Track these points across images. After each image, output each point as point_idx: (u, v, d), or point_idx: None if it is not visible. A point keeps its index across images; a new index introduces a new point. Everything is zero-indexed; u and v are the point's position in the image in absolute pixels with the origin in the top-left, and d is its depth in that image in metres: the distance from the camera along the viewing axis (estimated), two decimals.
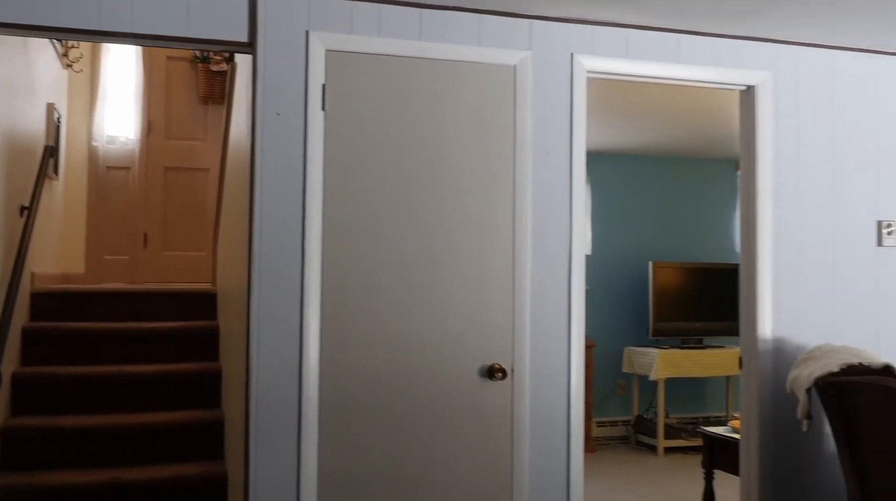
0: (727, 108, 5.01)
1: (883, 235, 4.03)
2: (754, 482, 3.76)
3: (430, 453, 3.29)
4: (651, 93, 4.93)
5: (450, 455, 3.31)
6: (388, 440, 3.24)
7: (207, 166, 6.45)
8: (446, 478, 3.30)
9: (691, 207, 7.46)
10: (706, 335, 7.03)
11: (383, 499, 3.23)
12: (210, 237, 5.72)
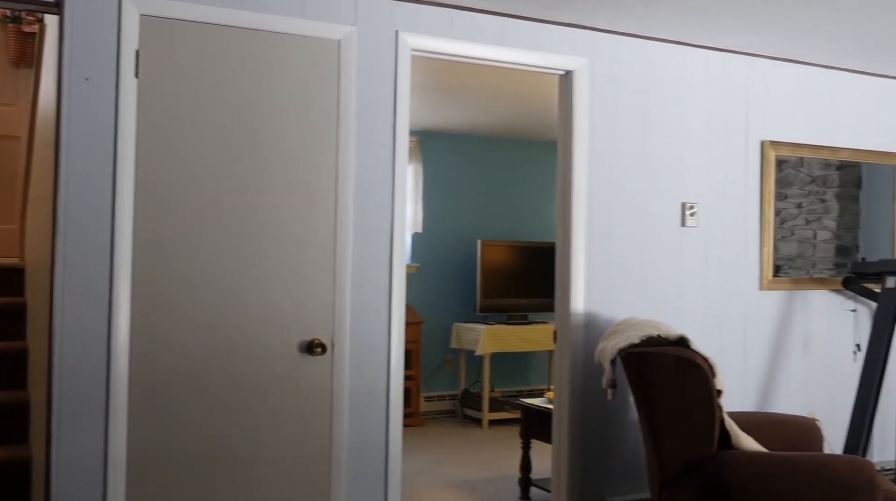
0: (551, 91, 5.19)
1: (686, 216, 4.30)
2: (564, 448, 3.95)
3: (248, 429, 3.25)
4: (481, 74, 5.03)
5: (268, 431, 3.28)
6: (205, 417, 3.18)
7: (18, 134, 6.03)
8: (265, 454, 3.27)
9: (519, 187, 7.70)
10: (531, 312, 7.29)
11: (199, 477, 3.17)
12: (20, 210, 5.37)
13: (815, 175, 4.85)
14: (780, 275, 4.61)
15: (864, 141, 4.90)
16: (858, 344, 4.73)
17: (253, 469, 3.26)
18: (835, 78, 4.81)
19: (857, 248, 5.03)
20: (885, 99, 4.99)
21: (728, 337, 4.42)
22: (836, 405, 4.61)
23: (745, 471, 2.95)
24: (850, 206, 5.00)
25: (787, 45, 4.37)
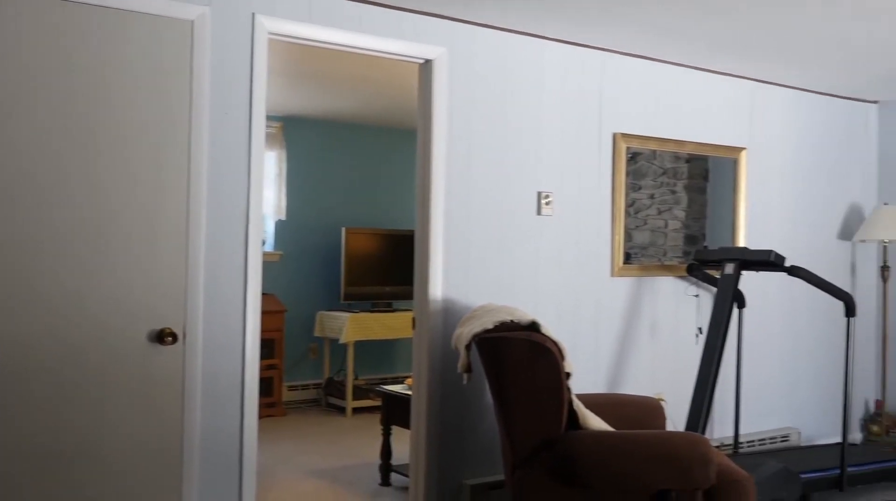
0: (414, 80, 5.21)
1: (542, 205, 4.42)
2: (422, 434, 4.00)
3: (93, 422, 3.13)
4: (345, 60, 5.00)
5: (115, 424, 3.17)
6: (49, 409, 3.04)
7: None
8: (112, 448, 3.16)
9: (384, 174, 7.70)
10: (395, 299, 7.32)
11: (41, 474, 3.02)
12: None
13: (666, 167, 5.07)
14: (630, 262, 4.81)
15: (709, 136, 5.17)
16: (700, 327, 5.00)
17: (99, 463, 3.14)
18: (683, 75, 5.05)
19: (704, 237, 5.30)
20: (728, 96, 5.28)
21: (581, 322, 4.58)
22: (681, 385, 4.86)
23: (591, 449, 3.07)
24: (697, 197, 5.26)
25: (639, 42, 4.55)
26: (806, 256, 5.57)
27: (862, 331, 5.99)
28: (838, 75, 5.30)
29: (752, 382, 5.31)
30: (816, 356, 5.70)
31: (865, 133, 6.07)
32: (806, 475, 4.35)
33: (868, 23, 4.14)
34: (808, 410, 5.66)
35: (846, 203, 5.94)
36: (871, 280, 6.04)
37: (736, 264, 4.48)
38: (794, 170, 5.62)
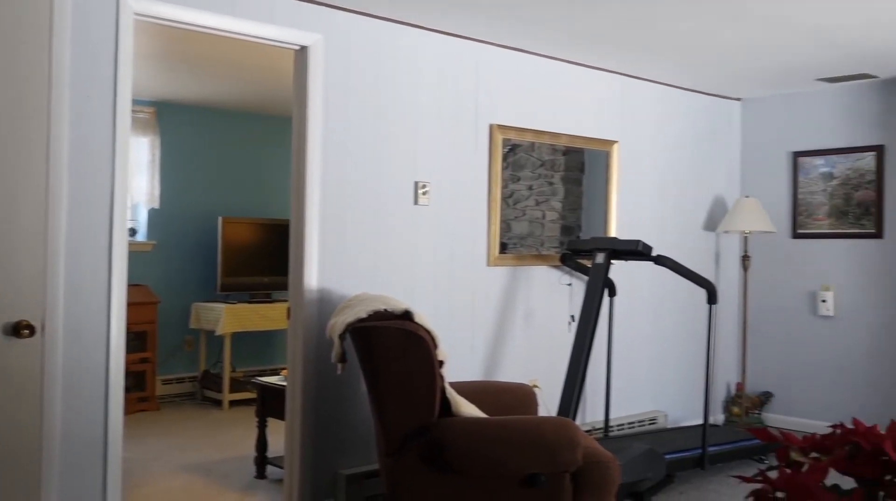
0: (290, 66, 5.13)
1: (419, 194, 4.44)
2: (297, 425, 3.96)
3: None
4: (221, 45, 4.87)
5: None
6: None
7: None
8: None
9: (262, 162, 7.56)
10: (274, 289, 7.21)
11: None
12: None
13: (544, 159, 5.17)
14: (506, 252, 4.89)
15: (583, 128, 5.31)
16: (573, 315, 5.14)
17: None
18: (558, 68, 5.16)
19: (580, 227, 5.44)
20: (601, 90, 5.43)
21: (457, 311, 4.63)
22: (555, 371, 4.99)
23: (462, 436, 3.11)
24: (574, 189, 5.39)
25: (514, 35, 4.62)
26: (674, 246, 5.80)
27: (725, 317, 6.29)
28: (704, 73, 5.54)
29: (622, 368, 5.50)
30: (682, 343, 5.95)
31: (729, 129, 6.37)
32: (670, 455, 4.54)
33: (731, 23, 4.33)
34: (674, 394, 5.91)
35: (711, 196, 6.22)
36: (734, 269, 6.34)
37: (606, 254, 4.62)
38: (662, 163, 5.84)
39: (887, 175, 5.70)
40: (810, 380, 6.02)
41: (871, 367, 5.74)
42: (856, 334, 5.82)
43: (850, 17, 4.19)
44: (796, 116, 6.14)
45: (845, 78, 5.62)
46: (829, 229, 5.96)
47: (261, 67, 5.63)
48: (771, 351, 6.22)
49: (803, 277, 6.06)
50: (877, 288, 5.72)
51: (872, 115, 5.76)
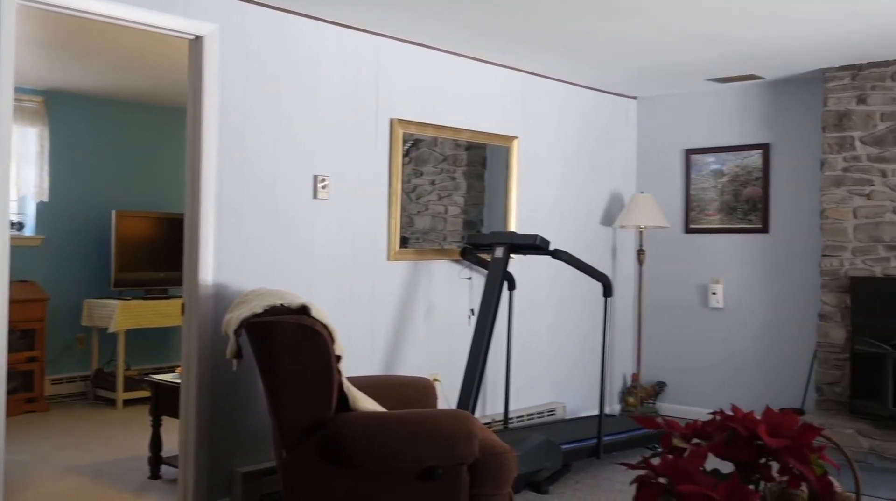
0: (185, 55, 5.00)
1: (318, 188, 4.40)
2: (192, 423, 3.87)
3: None
4: (113, 33, 4.70)
5: None
6: None
7: None
8: None
9: (157, 155, 7.35)
10: (171, 285, 7.03)
11: None
12: None
13: (447, 154, 5.20)
14: (407, 246, 4.90)
15: (484, 124, 5.35)
16: (473, 309, 5.18)
17: None
18: (459, 64, 5.19)
19: (482, 222, 5.49)
20: (502, 86, 5.49)
21: (357, 305, 4.61)
22: (456, 365, 5.02)
23: (359, 430, 3.10)
24: (476, 183, 5.44)
25: (415, 30, 4.62)
26: (572, 240, 5.92)
27: (622, 310, 6.45)
28: (603, 72, 5.66)
29: (522, 360, 5.58)
30: (581, 335, 6.08)
31: (626, 126, 6.53)
32: (567, 445, 4.63)
33: (626, 24, 4.44)
34: (573, 385, 6.03)
35: (608, 191, 6.37)
36: (630, 263, 6.51)
37: (505, 248, 4.68)
38: (562, 159, 5.95)
39: (773, 172, 5.94)
40: (701, 370, 6.24)
41: (757, 356, 5.99)
42: (743, 325, 6.06)
43: (734, 20, 4.35)
44: (689, 115, 6.34)
45: (734, 79, 5.84)
46: (719, 225, 6.18)
47: (155, 56, 5.47)
48: (665, 342, 6.42)
49: (695, 270, 6.28)
50: (763, 281, 5.97)
51: (760, 114, 6.00)
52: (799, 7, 4.12)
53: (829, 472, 2.01)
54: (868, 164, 5.31)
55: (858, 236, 5.34)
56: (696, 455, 1.86)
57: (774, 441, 1.80)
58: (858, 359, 5.22)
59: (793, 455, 1.80)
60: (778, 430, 1.84)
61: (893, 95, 5.22)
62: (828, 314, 5.45)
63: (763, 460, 1.90)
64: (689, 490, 1.74)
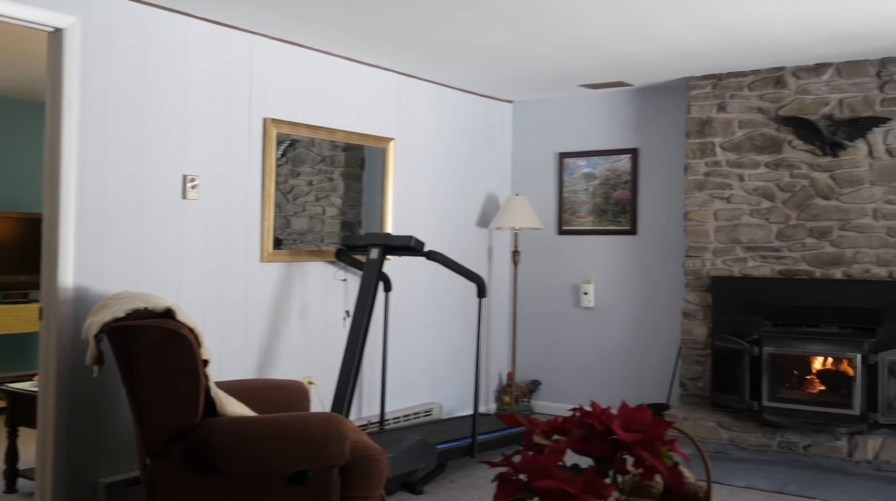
0: None
1: (187, 188, 4.28)
2: (50, 432, 3.70)
3: None
4: None
5: None
6: None
7: None
8: None
9: (16, 151, 6.98)
10: (31, 289, 6.69)
11: None
12: None
13: (324, 155, 5.15)
14: (281, 248, 4.83)
15: (360, 125, 5.33)
16: (348, 311, 5.16)
17: None
18: (334, 64, 5.15)
19: (360, 223, 5.47)
20: (378, 88, 5.48)
21: (229, 307, 4.51)
22: (331, 367, 4.99)
23: (226, 436, 3.04)
24: (354, 185, 5.41)
25: (289, 28, 4.56)
26: (449, 241, 5.98)
27: (498, 310, 6.56)
28: (478, 75, 5.74)
29: (399, 361, 5.59)
30: (458, 335, 6.14)
31: (501, 130, 6.64)
32: (442, 445, 4.66)
33: (498, 30, 4.51)
34: (449, 385, 6.08)
35: (484, 193, 6.46)
36: (505, 264, 6.63)
37: (379, 250, 4.68)
38: (438, 161, 5.99)
39: (641, 176, 6.17)
40: (574, 368, 6.41)
41: (626, 353, 6.20)
42: (613, 323, 6.26)
43: (603, 29, 4.49)
44: (562, 120, 6.50)
45: (604, 85, 6.03)
46: (590, 226, 6.37)
47: (13, 49, 5.20)
48: (539, 342, 6.56)
49: (568, 271, 6.44)
50: (631, 281, 6.18)
51: (628, 120, 6.21)
52: (664, 18, 4.29)
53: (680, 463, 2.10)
54: (727, 169, 5.58)
55: (719, 237, 5.60)
56: (554, 451, 1.91)
57: (627, 435, 1.87)
58: (718, 355, 5.47)
59: (645, 448, 1.87)
60: (631, 424, 1.91)
61: (750, 104, 5.51)
62: (691, 312, 5.70)
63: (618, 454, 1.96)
64: (547, 486, 1.78)
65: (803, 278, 5.31)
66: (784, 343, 5.16)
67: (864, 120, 5.12)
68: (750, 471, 4.79)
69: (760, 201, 5.46)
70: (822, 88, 5.28)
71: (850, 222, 5.19)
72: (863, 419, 4.85)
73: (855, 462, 4.83)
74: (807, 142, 5.31)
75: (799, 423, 5.01)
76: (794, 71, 5.36)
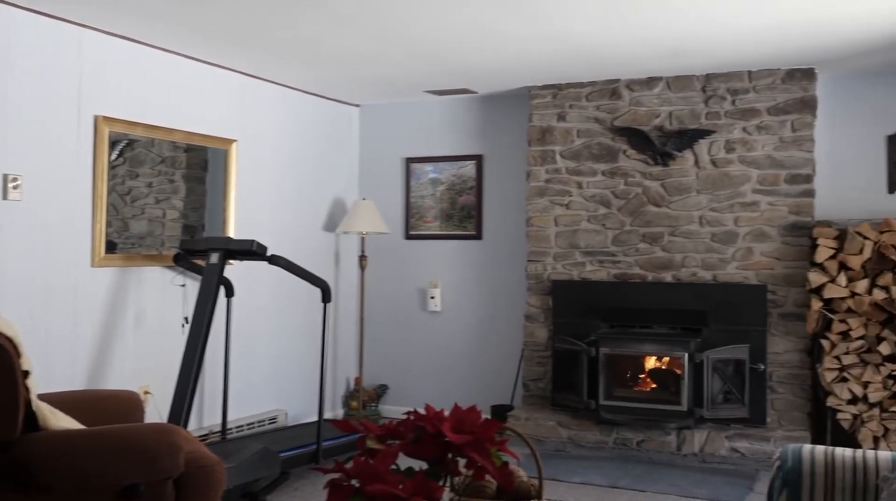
0: None
1: (9, 189, 4.02)
2: None
3: None
4: None
5: None
6: None
7: None
8: None
9: None
10: None
11: None
12: None
13: (165, 156, 4.97)
14: (115, 252, 4.62)
15: (201, 126, 5.18)
16: (187, 317, 4.99)
17: None
18: (174, 62, 4.98)
19: (203, 227, 5.31)
20: (220, 88, 5.34)
21: (56, 315, 4.27)
22: (169, 376, 4.80)
23: (48, 450, 2.87)
24: (196, 187, 5.25)
25: (123, 23, 4.37)
26: (295, 246, 5.89)
27: (345, 315, 6.52)
28: (324, 78, 5.69)
29: (242, 368, 5.46)
30: (304, 341, 6.06)
31: (349, 133, 6.62)
32: (286, 453, 4.59)
33: (346, 32, 4.49)
34: (295, 392, 5.99)
35: (331, 197, 6.41)
36: (353, 269, 6.60)
37: (220, 254, 4.55)
38: (284, 164, 5.90)
39: (485, 182, 6.29)
40: (421, 371, 6.46)
41: (472, 356, 6.31)
42: (459, 327, 6.35)
43: (448, 37, 4.56)
44: (408, 125, 6.55)
45: (449, 91, 6.12)
46: (437, 231, 6.44)
47: None
48: (387, 346, 6.57)
49: (415, 275, 6.49)
50: (477, 285, 6.30)
51: (473, 127, 6.33)
52: (505, 27, 4.40)
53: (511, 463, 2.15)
54: (567, 176, 5.78)
55: (559, 242, 5.79)
56: (386, 455, 1.91)
57: (457, 437, 1.89)
58: (559, 356, 5.66)
59: (474, 450, 1.90)
60: (462, 426, 1.94)
61: (588, 114, 5.73)
62: (533, 315, 5.86)
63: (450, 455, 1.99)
64: (377, 490, 1.78)
65: (637, 281, 5.57)
66: (618, 344, 5.40)
67: (692, 132, 5.43)
68: (587, 468, 4.97)
69: (598, 207, 5.69)
70: (653, 101, 5.56)
71: (679, 228, 5.49)
72: (690, 414, 5.14)
73: (683, 455, 5.10)
74: (640, 151, 5.58)
75: (632, 420, 5.25)
76: (627, 83, 5.62)
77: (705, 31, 4.46)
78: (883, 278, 4.83)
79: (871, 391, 4.86)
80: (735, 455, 5.00)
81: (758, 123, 5.33)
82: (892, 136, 5.30)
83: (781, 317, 5.26)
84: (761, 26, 4.33)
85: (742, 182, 5.36)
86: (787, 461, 2.63)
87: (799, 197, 5.25)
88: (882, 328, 4.85)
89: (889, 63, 5.09)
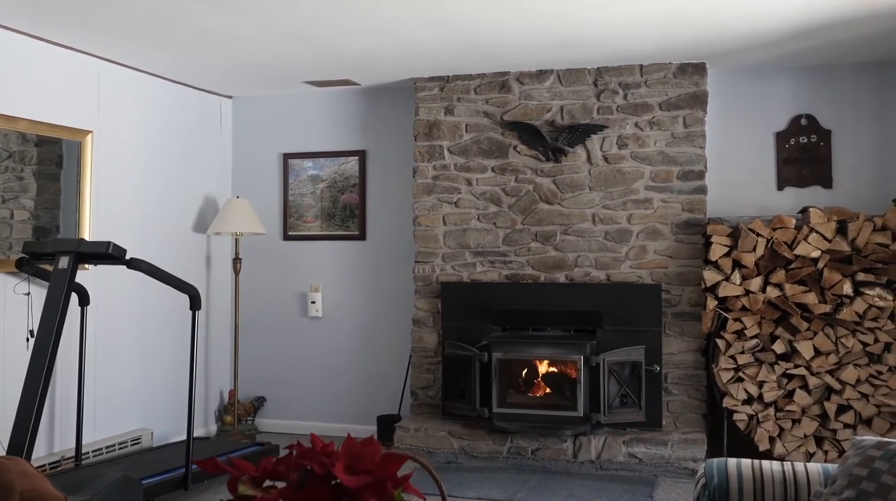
0: None
1: None
2: None
3: None
4: None
5: None
6: None
7: None
8: None
9: None
10: None
11: None
12: None
13: (12, 151, 4.45)
14: None
15: (49, 114, 4.62)
16: (32, 330, 4.42)
17: None
18: (16, 42, 4.42)
19: (58, 229, 4.78)
20: (71, 73, 4.79)
21: None
22: (10, 398, 4.23)
23: None
24: (50, 185, 4.74)
25: None
26: (160, 248, 5.38)
27: (218, 322, 6.03)
28: (192, 65, 5.21)
29: (100, 384, 4.92)
30: (171, 352, 5.53)
31: (220, 127, 6.12)
32: (150, 479, 4.11)
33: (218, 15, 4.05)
34: (163, 408, 5.47)
35: (202, 195, 5.91)
36: (226, 272, 6.11)
37: (71, 258, 4.02)
38: (147, 159, 5.37)
39: (369, 179, 5.94)
40: (301, 382, 6.04)
41: (357, 364, 5.93)
42: (342, 334, 5.97)
43: (328, 22, 4.18)
44: (286, 118, 6.12)
45: (330, 83, 5.73)
46: (318, 231, 6.04)
47: None
48: (263, 355, 6.12)
49: (294, 279, 6.07)
50: (362, 289, 5.93)
51: (356, 120, 5.96)
52: (389, 14, 4.06)
53: None
54: (455, 173, 5.49)
55: (448, 242, 5.49)
56: None
57: (353, 479, 1.54)
58: (449, 362, 5.36)
59: (374, 494, 1.55)
60: (358, 464, 1.59)
61: (477, 108, 5.46)
62: (421, 320, 5.55)
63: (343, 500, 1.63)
64: None
65: (529, 282, 5.34)
66: (511, 348, 5.14)
67: (583, 127, 5.24)
68: (481, 480, 4.69)
69: (488, 205, 5.43)
70: (544, 94, 5.34)
71: (572, 226, 5.29)
72: (586, 420, 4.93)
73: (580, 462, 4.89)
74: (530, 147, 5.35)
75: (527, 427, 5.00)
76: (518, 76, 5.38)
77: (594, 21, 4.25)
78: (776, 275, 4.75)
79: (766, 390, 4.78)
80: (633, 460, 4.82)
81: (650, 119, 5.19)
82: (780, 132, 5.27)
83: (676, 317, 5.13)
84: (652, 14, 4.16)
85: (635, 179, 5.20)
86: (713, 477, 2.40)
87: (692, 194, 5.13)
88: (776, 327, 4.78)
89: (777, 59, 5.04)
